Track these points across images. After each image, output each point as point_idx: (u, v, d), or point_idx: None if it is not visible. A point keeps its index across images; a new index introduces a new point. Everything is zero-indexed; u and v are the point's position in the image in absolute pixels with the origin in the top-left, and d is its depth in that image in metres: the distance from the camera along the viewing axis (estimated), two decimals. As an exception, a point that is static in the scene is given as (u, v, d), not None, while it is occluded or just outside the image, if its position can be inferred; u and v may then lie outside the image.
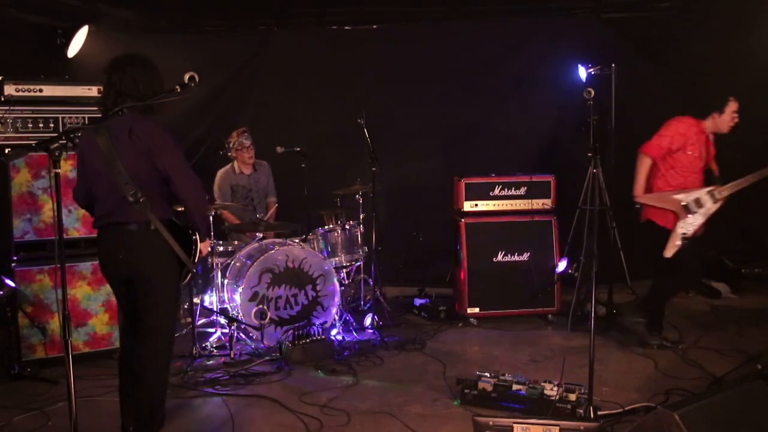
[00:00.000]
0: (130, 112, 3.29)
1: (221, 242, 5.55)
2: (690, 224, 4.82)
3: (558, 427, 3.12)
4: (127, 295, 3.49)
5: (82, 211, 4.83)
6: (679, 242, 4.80)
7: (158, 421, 3.49)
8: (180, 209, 3.74)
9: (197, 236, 3.54)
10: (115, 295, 3.69)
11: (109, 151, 3.30)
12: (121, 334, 3.72)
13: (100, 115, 3.46)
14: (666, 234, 4.89)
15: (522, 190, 5.86)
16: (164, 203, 3.43)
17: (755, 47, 6.70)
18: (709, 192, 4.87)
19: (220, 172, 6.10)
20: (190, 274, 3.53)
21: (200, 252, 3.57)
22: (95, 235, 4.79)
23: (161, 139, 3.34)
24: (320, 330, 5.07)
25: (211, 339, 5.20)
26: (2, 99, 4.63)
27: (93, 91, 4.89)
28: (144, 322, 3.45)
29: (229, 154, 6.00)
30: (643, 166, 5.01)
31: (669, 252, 4.83)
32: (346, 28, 7.20)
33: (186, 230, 3.53)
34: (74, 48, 6.31)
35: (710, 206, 4.84)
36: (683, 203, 4.84)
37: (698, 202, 4.86)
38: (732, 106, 4.97)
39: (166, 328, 3.48)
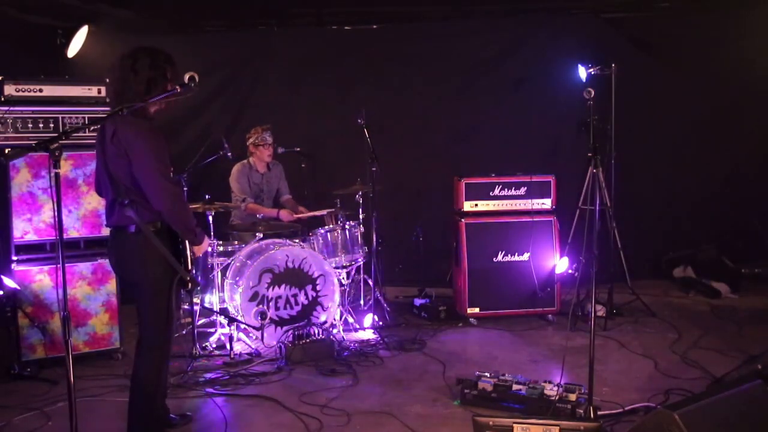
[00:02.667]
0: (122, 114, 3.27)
1: (221, 242, 5.54)
2: None
3: (558, 427, 3.12)
4: (132, 297, 3.49)
5: (82, 211, 4.87)
6: None
7: (145, 425, 3.46)
8: None
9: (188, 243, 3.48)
10: None
11: (103, 151, 3.32)
12: None
13: (104, 115, 3.44)
14: None
15: (522, 190, 5.85)
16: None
17: (754, 47, 6.71)
18: None
19: (237, 166, 6.08)
20: (189, 283, 3.44)
21: (194, 254, 3.50)
22: (95, 235, 4.89)
23: (137, 146, 3.25)
24: (320, 330, 5.07)
25: (211, 339, 5.20)
26: (2, 99, 4.63)
27: (93, 91, 4.90)
28: (139, 328, 3.47)
29: (249, 147, 6.02)
30: None
31: None
32: (346, 28, 7.20)
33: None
34: (74, 48, 6.31)
35: None
36: None
37: None
38: None
39: (157, 336, 3.43)
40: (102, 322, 4.93)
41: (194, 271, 3.71)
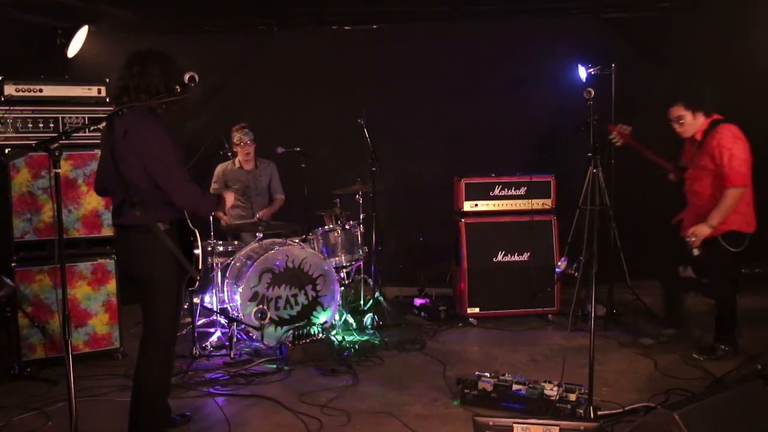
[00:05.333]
0: (131, 112, 3.27)
1: (221, 242, 5.55)
2: None
3: (558, 427, 3.12)
4: (139, 297, 3.49)
5: (82, 211, 4.87)
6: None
7: (146, 425, 3.47)
8: None
9: (198, 242, 3.50)
10: None
11: (111, 150, 3.31)
12: None
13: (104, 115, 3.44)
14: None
15: (522, 190, 5.85)
16: (166, 205, 3.37)
17: (754, 47, 6.70)
18: None
19: (219, 166, 6.16)
20: (197, 281, 3.48)
21: (201, 256, 3.52)
22: (95, 235, 4.89)
23: (152, 144, 3.27)
24: (320, 330, 5.07)
25: (211, 339, 5.20)
26: (2, 99, 4.64)
27: (93, 91, 4.90)
28: (144, 327, 3.47)
29: (233, 149, 6.06)
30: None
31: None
32: (346, 28, 7.20)
33: (193, 233, 3.50)
34: (74, 48, 6.31)
35: None
36: None
37: None
38: None
39: (163, 336, 3.45)
40: (102, 322, 4.93)
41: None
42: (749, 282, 6.60)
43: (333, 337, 5.09)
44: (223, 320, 5.19)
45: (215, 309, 5.28)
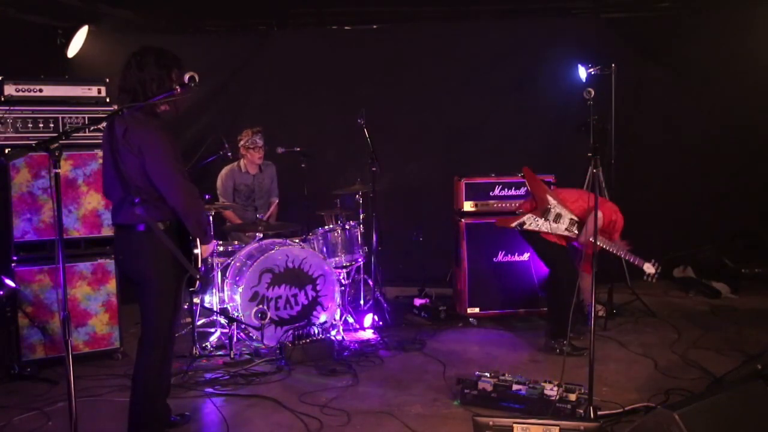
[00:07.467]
0: (131, 111, 3.28)
1: (221, 242, 5.55)
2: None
3: (558, 427, 3.12)
4: (136, 296, 3.49)
5: (82, 211, 4.87)
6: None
7: (145, 425, 3.47)
8: None
9: (197, 242, 3.49)
10: None
11: (111, 149, 3.31)
12: None
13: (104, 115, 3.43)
14: None
15: (522, 190, 5.85)
16: (166, 204, 3.36)
17: (754, 47, 6.71)
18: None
19: (225, 169, 6.12)
20: (197, 280, 3.47)
21: (200, 255, 3.49)
22: (95, 235, 4.89)
23: (150, 145, 3.26)
24: (320, 330, 5.07)
25: (211, 339, 5.20)
26: (2, 99, 4.63)
27: (93, 91, 4.90)
28: (142, 327, 3.46)
29: (240, 149, 6.02)
30: None
31: None
32: (346, 28, 7.20)
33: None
34: (74, 48, 6.31)
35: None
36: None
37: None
38: None
39: (161, 335, 3.45)
40: (102, 322, 4.93)
41: (203, 270, 3.71)
42: (749, 282, 6.62)
43: (333, 337, 5.09)
44: (223, 320, 5.19)
45: (215, 309, 5.28)
